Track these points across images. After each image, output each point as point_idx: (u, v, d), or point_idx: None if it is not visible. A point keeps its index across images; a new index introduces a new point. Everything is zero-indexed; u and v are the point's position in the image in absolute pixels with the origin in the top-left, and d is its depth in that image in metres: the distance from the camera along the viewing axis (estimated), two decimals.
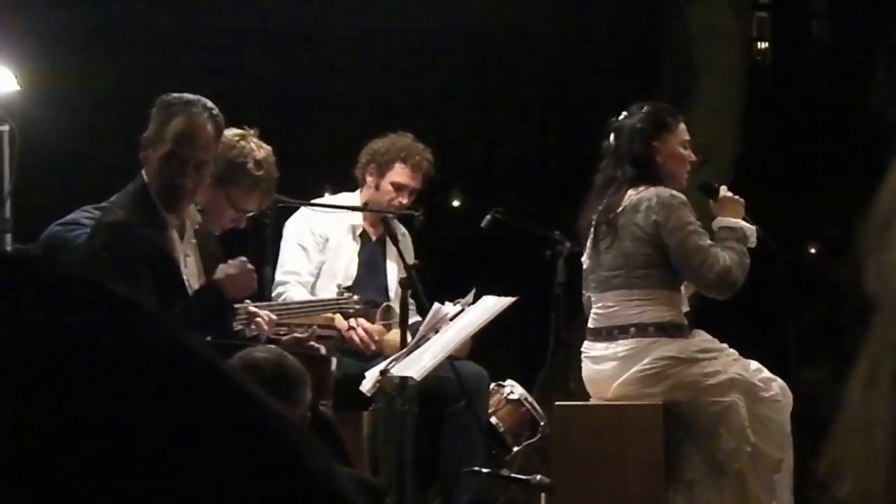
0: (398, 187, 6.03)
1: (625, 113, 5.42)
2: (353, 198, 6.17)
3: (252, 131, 5.22)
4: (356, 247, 6.07)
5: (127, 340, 0.81)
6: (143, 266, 4.39)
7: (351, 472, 3.90)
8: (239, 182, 5.10)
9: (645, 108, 5.41)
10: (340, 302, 5.45)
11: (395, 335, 5.51)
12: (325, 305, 5.42)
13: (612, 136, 5.39)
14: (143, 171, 4.63)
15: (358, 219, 6.10)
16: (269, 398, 0.82)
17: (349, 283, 5.90)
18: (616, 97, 5.91)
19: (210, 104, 4.66)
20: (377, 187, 6.04)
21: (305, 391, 3.51)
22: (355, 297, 5.47)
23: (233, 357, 3.52)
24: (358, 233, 6.08)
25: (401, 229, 6.16)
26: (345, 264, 6.01)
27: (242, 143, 5.13)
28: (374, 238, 6.13)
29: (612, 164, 5.37)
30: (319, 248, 6.00)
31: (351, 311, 5.48)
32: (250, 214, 5.24)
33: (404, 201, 6.06)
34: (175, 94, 4.67)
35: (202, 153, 4.60)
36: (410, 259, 6.00)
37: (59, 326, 0.79)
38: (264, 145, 5.21)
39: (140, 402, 0.78)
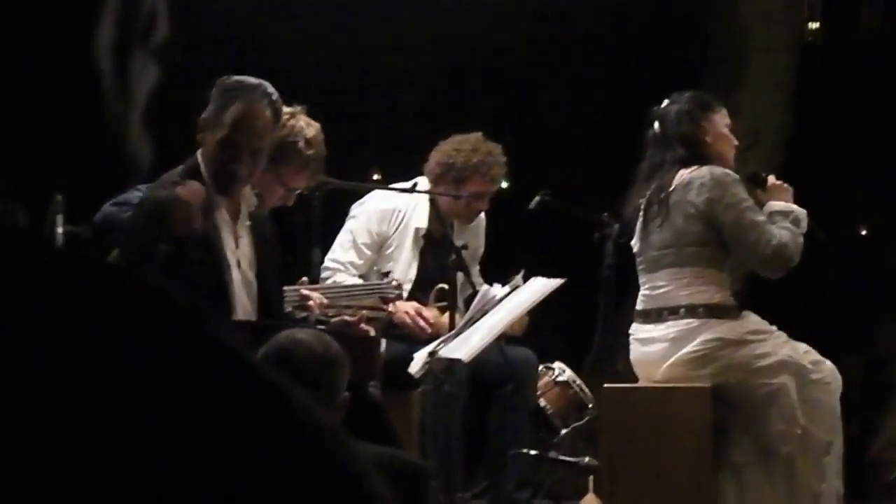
0: (478, 196, 5.92)
1: (667, 100, 5.43)
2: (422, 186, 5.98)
3: (300, 108, 5.19)
4: (416, 249, 5.90)
5: (157, 337, 0.81)
6: (171, 244, 4.32)
7: (394, 454, 3.91)
8: (290, 161, 5.06)
9: (686, 93, 5.43)
10: (381, 286, 5.42)
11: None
12: (367, 289, 5.41)
13: (655, 124, 5.39)
14: (199, 153, 4.60)
15: (422, 220, 5.93)
16: (299, 393, 0.83)
17: (409, 285, 5.81)
18: (663, 81, 5.89)
19: (270, 89, 4.56)
20: (454, 196, 5.89)
21: (344, 373, 3.53)
22: (395, 283, 5.43)
23: (274, 338, 3.53)
24: (421, 234, 5.90)
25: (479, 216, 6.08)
26: (403, 267, 5.85)
27: (292, 121, 5.07)
28: (438, 235, 5.90)
29: (658, 149, 5.37)
30: (375, 247, 5.87)
31: (391, 295, 5.43)
32: (297, 192, 5.22)
33: (485, 207, 6.01)
34: (236, 78, 4.58)
35: (258, 140, 4.52)
36: (480, 243, 5.99)
37: (85, 322, 0.80)
38: (313, 122, 5.16)
39: (165, 398, 0.79)
